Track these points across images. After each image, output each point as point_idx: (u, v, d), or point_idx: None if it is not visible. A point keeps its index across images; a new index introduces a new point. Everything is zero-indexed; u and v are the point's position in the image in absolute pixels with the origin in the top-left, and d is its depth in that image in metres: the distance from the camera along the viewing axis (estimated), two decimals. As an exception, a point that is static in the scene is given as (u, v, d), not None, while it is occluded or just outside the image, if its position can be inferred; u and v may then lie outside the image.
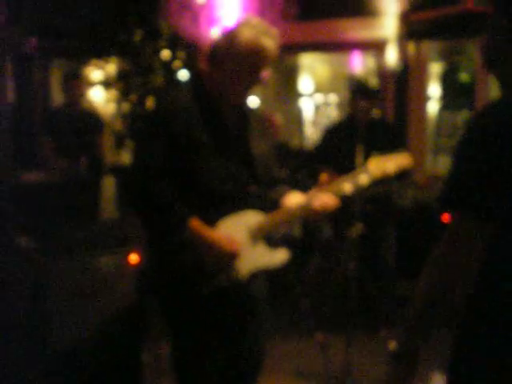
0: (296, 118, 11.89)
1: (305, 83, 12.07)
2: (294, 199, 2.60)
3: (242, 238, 2.49)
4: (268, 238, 2.57)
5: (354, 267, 3.75)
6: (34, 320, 3.74)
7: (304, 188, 2.64)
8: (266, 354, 2.78)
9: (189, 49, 5.72)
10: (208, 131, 2.44)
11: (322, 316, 4.69)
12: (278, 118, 6.64)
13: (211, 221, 2.44)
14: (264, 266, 2.55)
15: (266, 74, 2.49)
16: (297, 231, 5.48)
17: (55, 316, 3.78)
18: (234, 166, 2.50)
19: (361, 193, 3.59)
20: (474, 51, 6.73)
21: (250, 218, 2.52)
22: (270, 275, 5.28)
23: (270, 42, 2.42)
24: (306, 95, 12.07)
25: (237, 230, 2.47)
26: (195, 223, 2.39)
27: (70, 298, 3.80)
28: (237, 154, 2.53)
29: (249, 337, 2.66)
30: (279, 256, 2.57)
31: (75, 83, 5.66)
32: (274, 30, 2.45)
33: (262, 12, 4.77)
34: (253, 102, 12.81)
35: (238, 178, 2.51)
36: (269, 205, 2.58)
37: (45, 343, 3.71)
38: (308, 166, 4.85)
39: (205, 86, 2.52)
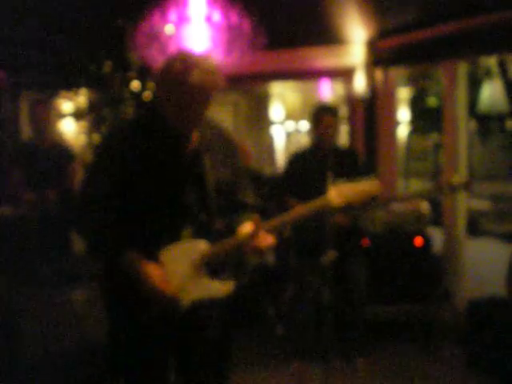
0: (267, 146, 11.95)
1: (276, 111, 12.17)
2: (245, 229, 2.53)
3: (184, 267, 2.44)
4: (213, 268, 2.50)
5: (327, 294, 3.74)
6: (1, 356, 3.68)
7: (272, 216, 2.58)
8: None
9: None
10: (153, 162, 2.43)
11: (298, 344, 4.66)
12: (247, 146, 6.65)
13: (156, 250, 2.43)
14: (207, 297, 2.49)
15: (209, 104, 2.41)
16: (270, 259, 5.48)
17: (26, 351, 3.73)
18: (184, 195, 2.48)
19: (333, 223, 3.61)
20: (441, 75, 6.83)
21: (194, 247, 2.47)
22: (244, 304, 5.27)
23: (202, 75, 2.31)
24: (277, 123, 12.17)
25: (179, 260, 2.44)
26: (131, 256, 2.37)
27: (42, 332, 3.76)
28: (187, 182, 2.50)
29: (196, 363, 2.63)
30: (223, 287, 2.49)
31: (41, 109, 5.54)
32: (208, 64, 2.36)
33: (230, 42, 4.79)
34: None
35: (186, 207, 2.48)
36: (223, 233, 2.53)
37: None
38: (275, 195, 4.82)
39: (154, 117, 2.49)
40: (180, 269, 2.43)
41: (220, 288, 2.48)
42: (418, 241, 5.12)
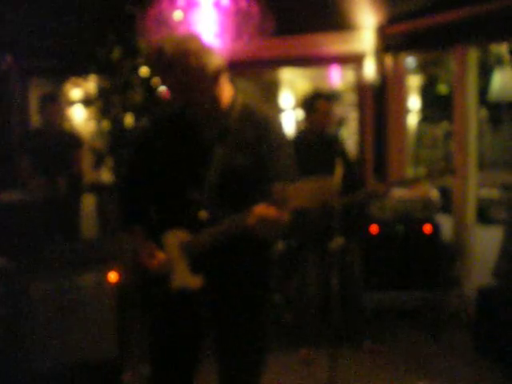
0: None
1: (285, 98, 12.11)
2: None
3: (171, 254, 2.45)
4: (192, 259, 2.43)
5: (335, 281, 3.72)
6: (11, 342, 3.70)
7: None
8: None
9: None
10: (168, 151, 2.50)
11: (306, 331, 4.66)
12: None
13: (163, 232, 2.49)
14: (182, 287, 2.44)
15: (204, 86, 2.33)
16: (279, 246, 5.47)
17: (36, 335, 3.76)
18: (194, 182, 2.43)
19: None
20: (451, 63, 6.78)
21: (182, 236, 2.43)
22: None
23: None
24: (286, 110, 12.11)
25: (172, 245, 2.45)
26: (134, 229, 2.58)
27: (51, 317, 3.79)
28: (198, 169, 2.43)
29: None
30: (193, 280, 2.42)
31: (51, 106, 5.69)
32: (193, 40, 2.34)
33: (238, 27, 4.77)
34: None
35: (194, 194, 2.43)
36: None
37: (22, 366, 3.68)
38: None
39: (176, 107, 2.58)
40: (169, 254, 2.46)
41: (190, 281, 2.43)
42: (427, 228, 5.11)
